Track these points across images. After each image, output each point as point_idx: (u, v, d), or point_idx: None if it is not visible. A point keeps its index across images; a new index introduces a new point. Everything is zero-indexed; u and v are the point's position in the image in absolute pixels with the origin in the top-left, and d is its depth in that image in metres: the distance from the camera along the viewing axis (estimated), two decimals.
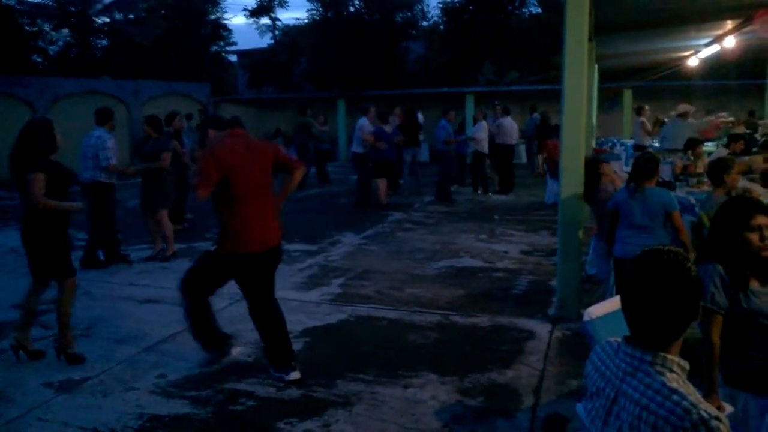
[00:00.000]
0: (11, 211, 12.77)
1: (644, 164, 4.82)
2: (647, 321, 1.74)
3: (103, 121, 7.69)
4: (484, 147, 13.14)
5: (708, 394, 2.77)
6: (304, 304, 6.19)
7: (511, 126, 13.64)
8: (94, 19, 29.06)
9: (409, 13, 29.48)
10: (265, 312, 4.55)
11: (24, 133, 4.73)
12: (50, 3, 27.39)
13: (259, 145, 4.66)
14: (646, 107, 13.75)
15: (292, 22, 33.29)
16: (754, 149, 9.09)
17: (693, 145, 8.56)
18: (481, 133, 13.08)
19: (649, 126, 13.01)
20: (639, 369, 1.74)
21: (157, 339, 5.29)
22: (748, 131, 11.47)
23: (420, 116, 16.33)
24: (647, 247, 1.81)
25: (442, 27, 28.92)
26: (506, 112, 13.93)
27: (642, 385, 1.70)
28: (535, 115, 16.24)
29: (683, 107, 11.26)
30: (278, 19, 32.67)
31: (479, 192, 13.35)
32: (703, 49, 12.39)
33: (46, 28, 28.41)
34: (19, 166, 4.65)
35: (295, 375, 4.43)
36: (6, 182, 5.17)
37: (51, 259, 4.81)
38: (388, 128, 11.88)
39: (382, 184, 11.89)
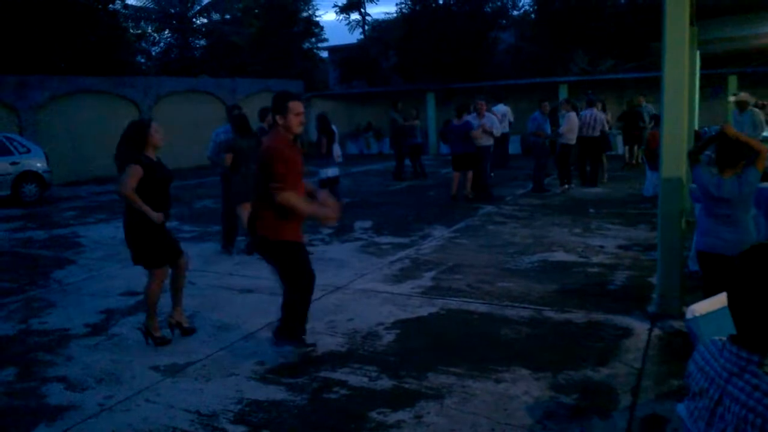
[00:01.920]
0: (119, 204, 13.59)
1: (730, 150, 4.48)
2: (755, 320, 1.66)
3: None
4: (570, 139, 12.67)
5: None
6: (396, 297, 6.26)
7: (591, 117, 13.09)
8: (193, 20, 30.40)
9: (498, 3, 29.09)
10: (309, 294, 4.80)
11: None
12: (152, 6, 28.84)
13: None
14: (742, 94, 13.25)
15: (382, 16, 33.66)
16: None
17: None
18: (566, 125, 12.67)
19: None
20: (746, 370, 1.67)
21: (255, 327, 5.50)
22: None
23: (502, 107, 16.05)
24: (738, 241, 1.73)
25: (532, 15, 28.36)
26: (590, 104, 13.36)
27: (749, 386, 1.64)
28: (645, 105, 15.72)
29: (744, 95, 11.35)
30: (368, 14, 33.17)
31: (566, 186, 12.90)
32: None
33: (149, 30, 29.98)
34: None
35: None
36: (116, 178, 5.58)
37: (138, 247, 5.14)
38: (456, 121, 11.89)
39: (456, 176, 11.92)
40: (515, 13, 29.62)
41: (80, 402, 4.24)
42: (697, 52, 10.89)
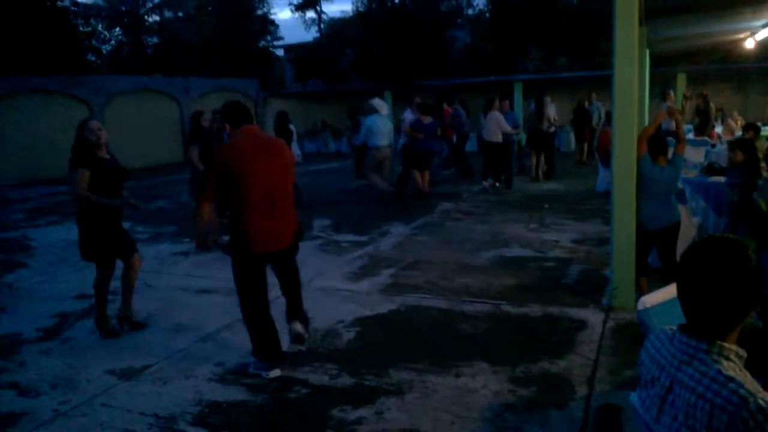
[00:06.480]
0: (70, 206, 13.26)
1: (660, 141, 5.31)
2: (704, 309, 1.71)
3: None
4: (491, 138, 12.55)
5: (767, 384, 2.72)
6: (355, 294, 6.27)
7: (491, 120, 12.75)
8: (145, 18, 29.77)
9: (454, 2, 29.31)
10: (255, 310, 4.46)
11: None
12: (102, 3, 28.17)
13: (274, 145, 4.47)
14: (671, 92, 13.99)
15: (338, 14, 33.53)
16: None
17: (752, 129, 8.27)
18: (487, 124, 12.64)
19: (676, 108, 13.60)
20: (695, 357, 1.72)
21: (213, 328, 5.44)
22: None
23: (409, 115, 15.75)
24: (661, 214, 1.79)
25: (487, 14, 28.67)
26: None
27: (698, 373, 1.69)
28: (595, 103, 16.07)
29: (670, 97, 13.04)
30: (324, 12, 32.96)
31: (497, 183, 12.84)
32: (760, 31, 11.95)
33: (100, 27, 29.25)
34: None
35: (275, 372, 4.44)
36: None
37: (88, 244, 5.25)
38: (426, 119, 11.90)
39: (417, 174, 11.95)
40: (470, 11, 29.95)
41: (33, 408, 4.14)
42: (647, 51, 11.16)
